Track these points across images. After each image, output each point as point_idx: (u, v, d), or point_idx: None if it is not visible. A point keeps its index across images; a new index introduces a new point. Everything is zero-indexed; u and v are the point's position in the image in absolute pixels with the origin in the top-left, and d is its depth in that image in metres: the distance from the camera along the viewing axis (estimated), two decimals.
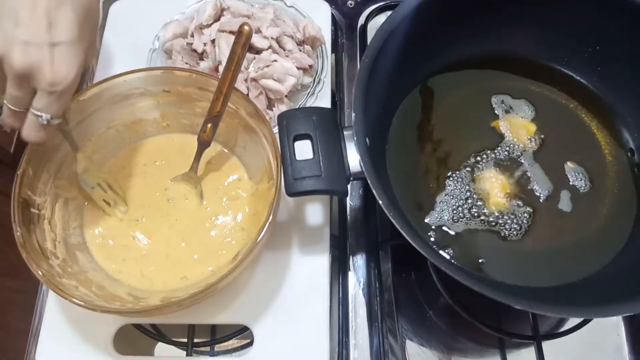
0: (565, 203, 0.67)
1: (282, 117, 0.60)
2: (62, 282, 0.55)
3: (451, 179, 0.68)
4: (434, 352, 0.70)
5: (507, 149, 0.70)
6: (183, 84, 0.64)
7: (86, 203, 0.66)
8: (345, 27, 0.87)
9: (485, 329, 0.66)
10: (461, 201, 0.66)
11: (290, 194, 0.57)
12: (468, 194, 0.67)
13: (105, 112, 0.64)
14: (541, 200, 0.67)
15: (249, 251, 0.55)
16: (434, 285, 0.68)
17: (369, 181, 0.55)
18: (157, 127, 0.69)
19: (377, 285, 0.70)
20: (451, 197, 0.67)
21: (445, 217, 0.66)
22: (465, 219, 0.66)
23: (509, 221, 0.66)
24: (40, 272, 0.54)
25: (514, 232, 0.65)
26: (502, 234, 0.65)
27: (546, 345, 0.66)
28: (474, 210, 0.66)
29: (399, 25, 0.64)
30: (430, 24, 0.68)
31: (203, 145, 0.64)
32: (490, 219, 0.66)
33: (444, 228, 0.65)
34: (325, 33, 0.78)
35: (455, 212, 0.66)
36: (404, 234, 0.53)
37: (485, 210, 0.66)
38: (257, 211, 0.64)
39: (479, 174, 0.68)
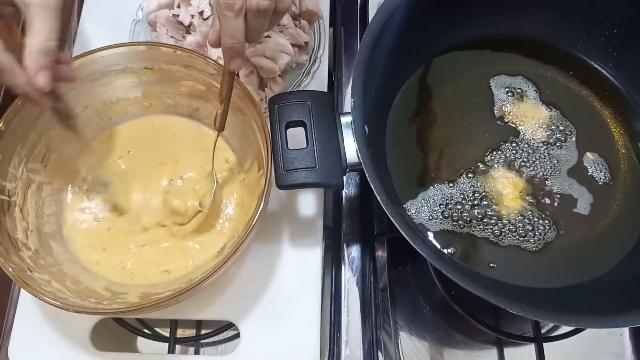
0: (580, 199, 0.63)
1: (273, 102, 0.55)
2: (33, 276, 0.51)
3: (455, 175, 0.63)
4: (429, 348, 0.67)
5: (517, 139, 0.65)
6: (167, 61, 0.59)
7: (69, 186, 0.62)
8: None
9: (484, 328, 0.63)
10: (469, 201, 0.62)
11: (281, 186, 0.53)
12: (476, 194, 0.62)
13: (82, 90, 0.59)
14: (555, 195, 0.63)
15: (235, 247, 0.51)
16: (432, 279, 0.65)
17: (367, 175, 0.51)
18: (139, 107, 0.64)
19: (372, 279, 0.67)
20: (456, 194, 0.62)
21: (447, 215, 0.62)
22: (469, 217, 0.61)
23: (519, 222, 0.61)
24: (9, 268, 0.50)
25: (525, 232, 0.61)
26: (512, 234, 0.61)
27: (547, 344, 0.63)
28: (483, 209, 0.62)
29: (403, 1, 0.59)
30: (437, 2, 0.63)
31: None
32: (498, 219, 0.61)
33: (445, 226, 0.61)
34: (324, 6, 0.72)
35: (459, 210, 0.62)
36: (403, 233, 0.50)
37: (493, 211, 0.61)
38: (244, 202, 0.59)
39: (489, 171, 0.63)
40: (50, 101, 0.51)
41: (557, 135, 0.65)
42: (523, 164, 0.64)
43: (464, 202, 0.62)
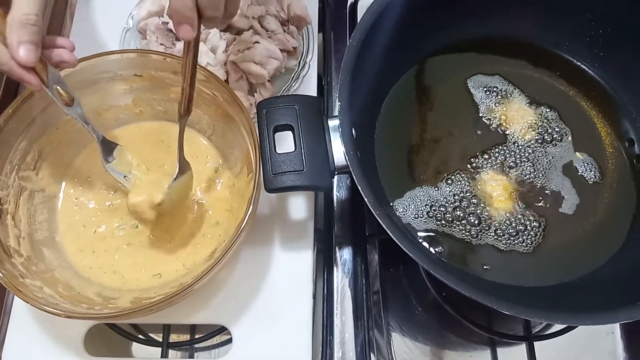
0: (569, 199, 0.63)
1: (261, 106, 0.56)
2: (25, 282, 0.52)
3: (444, 176, 0.64)
4: (421, 349, 0.67)
5: (506, 141, 0.65)
6: (157, 68, 0.60)
7: (61, 193, 0.62)
8: (334, 4, 0.82)
9: (475, 329, 0.63)
10: (456, 203, 0.62)
11: (270, 190, 0.53)
12: (464, 195, 0.63)
13: None
14: (545, 196, 0.63)
15: (225, 250, 0.51)
16: (423, 280, 0.65)
17: (354, 178, 0.51)
18: (129, 114, 0.64)
19: (364, 281, 0.67)
20: (441, 196, 0.63)
21: (432, 215, 0.62)
22: (455, 218, 0.62)
23: (509, 223, 0.62)
24: (0, 274, 0.50)
25: (515, 233, 0.61)
26: (502, 235, 0.61)
27: (538, 343, 0.63)
28: (471, 211, 0.62)
29: (390, 4, 0.60)
30: (424, 4, 0.63)
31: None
32: (486, 221, 0.62)
33: (431, 225, 0.61)
34: (312, 12, 0.73)
35: (442, 211, 0.62)
36: (390, 234, 0.51)
37: (481, 213, 0.62)
38: (234, 207, 0.60)
39: (478, 173, 0.64)
40: (37, 80, 0.49)
41: (546, 136, 0.66)
42: (512, 165, 0.64)
43: (450, 203, 0.62)
